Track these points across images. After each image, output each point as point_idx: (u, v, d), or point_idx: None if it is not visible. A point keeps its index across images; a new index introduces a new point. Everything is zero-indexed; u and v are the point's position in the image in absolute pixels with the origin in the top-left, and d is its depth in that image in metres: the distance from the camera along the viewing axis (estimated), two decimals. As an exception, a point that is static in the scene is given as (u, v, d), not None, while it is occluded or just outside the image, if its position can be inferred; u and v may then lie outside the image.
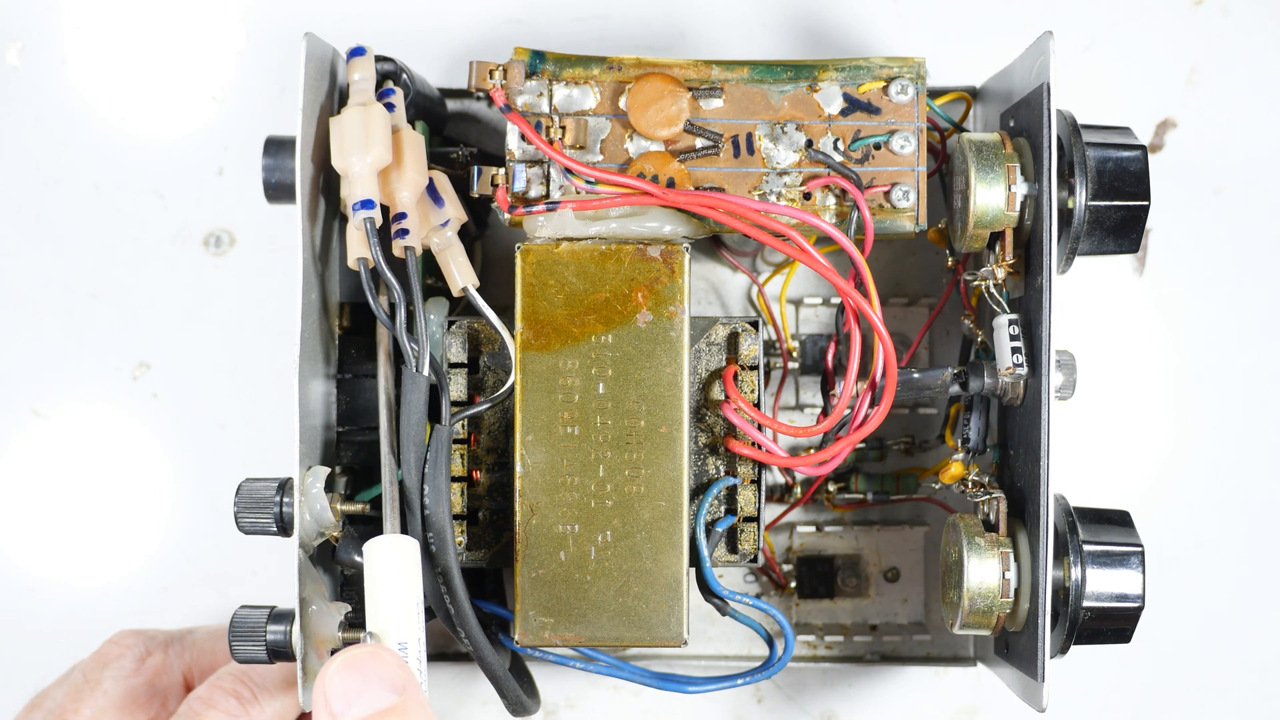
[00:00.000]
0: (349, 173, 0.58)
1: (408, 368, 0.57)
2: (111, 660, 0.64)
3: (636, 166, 0.61)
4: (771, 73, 0.62)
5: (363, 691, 0.53)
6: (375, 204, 0.57)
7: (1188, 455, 0.75)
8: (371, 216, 0.57)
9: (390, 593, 0.55)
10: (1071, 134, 0.62)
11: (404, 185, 0.59)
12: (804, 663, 0.74)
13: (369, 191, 0.57)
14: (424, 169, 0.60)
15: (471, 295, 0.60)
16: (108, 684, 0.63)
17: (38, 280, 0.75)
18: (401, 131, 0.60)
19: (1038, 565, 0.60)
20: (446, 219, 0.60)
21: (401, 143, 0.59)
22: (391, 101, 0.61)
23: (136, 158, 0.75)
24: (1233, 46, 0.75)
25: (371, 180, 0.58)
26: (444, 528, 0.57)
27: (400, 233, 0.58)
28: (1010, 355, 0.62)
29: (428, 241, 0.60)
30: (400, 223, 0.59)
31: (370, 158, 0.58)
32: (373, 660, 0.54)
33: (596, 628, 0.60)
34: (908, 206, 0.62)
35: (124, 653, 0.64)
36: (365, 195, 0.57)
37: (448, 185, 0.61)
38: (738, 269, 0.72)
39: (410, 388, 0.57)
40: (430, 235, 0.60)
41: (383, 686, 0.53)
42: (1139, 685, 0.76)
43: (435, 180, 0.61)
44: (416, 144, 0.60)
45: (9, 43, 0.75)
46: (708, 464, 0.62)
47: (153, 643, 0.65)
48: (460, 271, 0.60)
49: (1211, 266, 0.75)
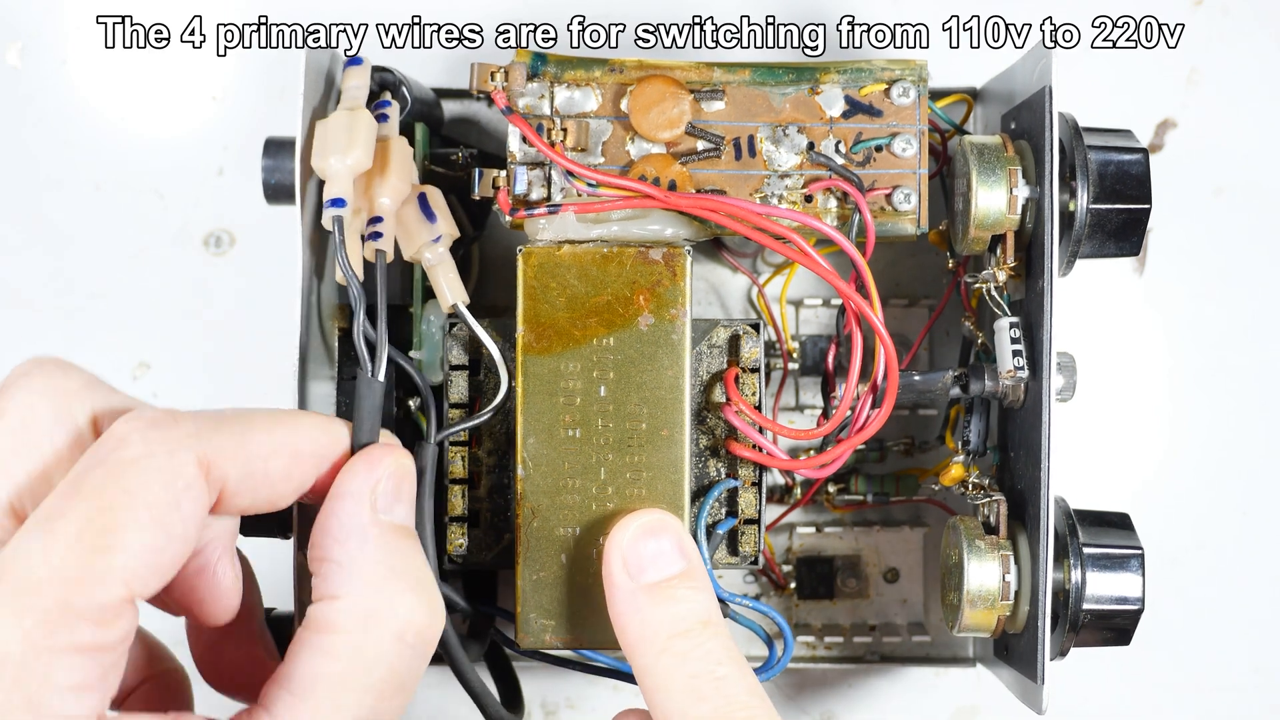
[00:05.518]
0: (326, 172, 0.57)
1: (362, 372, 0.55)
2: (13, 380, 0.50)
3: (638, 169, 0.61)
4: (773, 75, 0.62)
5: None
6: (346, 203, 0.57)
7: (1186, 456, 0.76)
8: (340, 215, 0.56)
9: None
10: (1073, 137, 0.62)
11: (386, 191, 0.59)
12: (803, 663, 0.74)
13: (343, 191, 0.57)
14: (409, 179, 0.60)
15: (461, 312, 0.60)
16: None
17: (38, 280, 0.75)
18: (390, 141, 0.59)
19: (1038, 568, 0.60)
20: (438, 234, 0.60)
21: (389, 151, 0.59)
22: (386, 113, 0.60)
23: (136, 158, 0.75)
24: (1233, 46, 0.75)
25: (347, 181, 0.57)
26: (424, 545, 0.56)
27: (374, 235, 0.58)
28: (1011, 358, 0.62)
29: (419, 257, 0.60)
30: (375, 225, 0.58)
31: (350, 160, 0.57)
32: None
33: (597, 630, 0.59)
34: (909, 209, 0.62)
35: (30, 370, 0.50)
36: (337, 194, 0.57)
37: (441, 201, 0.61)
38: (738, 270, 0.72)
39: (365, 393, 0.54)
40: (422, 250, 0.60)
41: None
42: (1138, 687, 0.76)
43: (428, 195, 0.60)
44: (404, 155, 0.60)
45: (9, 43, 0.75)
46: (709, 466, 0.62)
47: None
48: (451, 289, 0.60)
49: (1211, 267, 0.75)
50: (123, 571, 0.44)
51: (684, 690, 0.53)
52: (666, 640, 0.54)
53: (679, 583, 0.56)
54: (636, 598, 0.55)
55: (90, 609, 0.43)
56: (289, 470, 0.49)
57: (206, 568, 0.51)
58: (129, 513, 0.44)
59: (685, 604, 0.55)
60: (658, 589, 0.55)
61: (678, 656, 0.54)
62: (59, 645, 0.43)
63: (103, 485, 0.44)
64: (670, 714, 0.53)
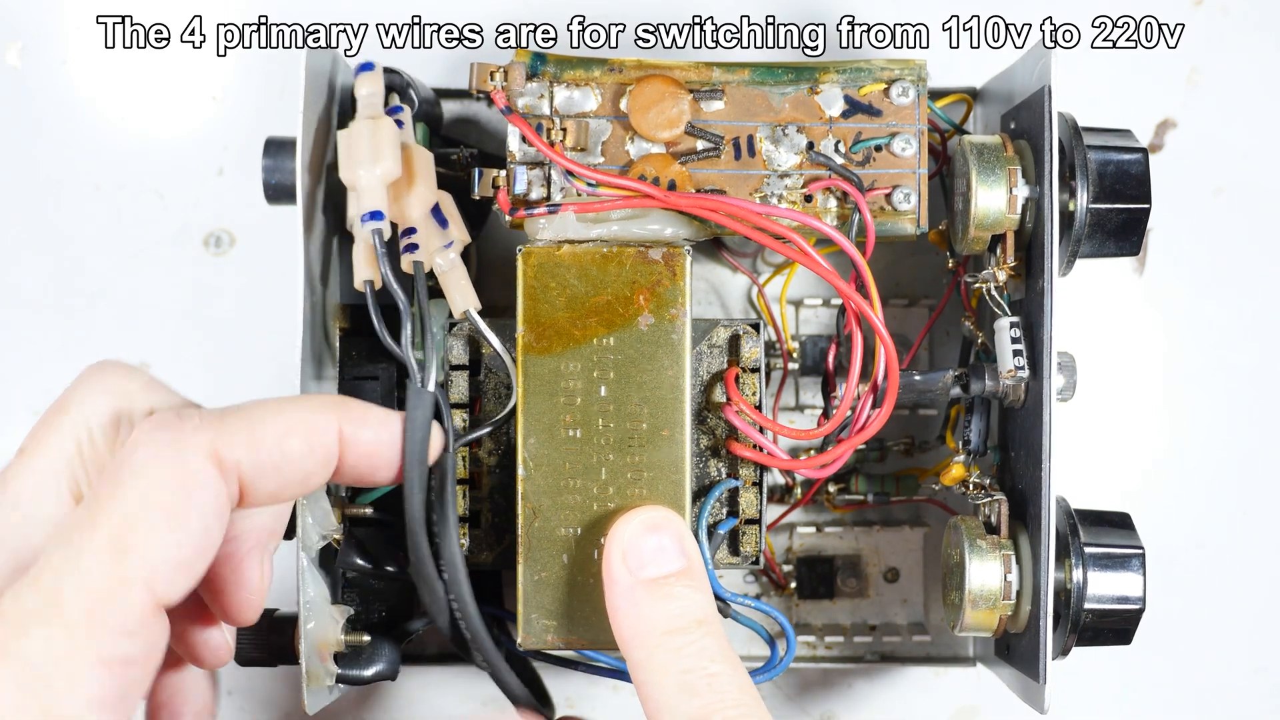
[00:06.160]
0: (357, 185, 0.57)
1: (412, 382, 0.56)
2: (80, 380, 0.52)
3: (637, 169, 0.61)
4: (772, 75, 0.62)
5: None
6: (385, 216, 0.57)
7: (1186, 456, 0.76)
8: (380, 228, 0.56)
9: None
10: (1073, 137, 0.62)
11: (414, 200, 0.58)
12: (803, 663, 0.74)
13: (378, 203, 0.57)
14: (434, 186, 0.59)
15: (473, 318, 0.59)
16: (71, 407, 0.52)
17: (38, 280, 0.75)
18: (411, 149, 0.59)
19: (1039, 567, 0.60)
20: (450, 240, 0.60)
21: (412, 159, 0.59)
22: (400, 119, 0.60)
23: (136, 158, 0.75)
24: (1233, 46, 0.75)
25: (380, 192, 0.57)
26: (455, 563, 0.56)
27: (410, 247, 0.58)
28: (1012, 358, 0.62)
29: (431, 263, 0.60)
30: (410, 237, 0.58)
31: (379, 170, 0.57)
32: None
33: (599, 630, 0.59)
34: (909, 209, 0.62)
35: (96, 371, 0.52)
36: (374, 206, 0.57)
37: (453, 207, 0.61)
38: (738, 270, 0.72)
39: (416, 403, 0.54)
40: (434, 257, 0.60)
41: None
42: (1139, 687, 0.76)
43: (440, 202, 0.60)
44: (426, 161, 0.60)
45: (9, 43, 0.75)
46: (709, 466, 0.62)
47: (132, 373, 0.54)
48: (463, 295, 0.60)
49: (1211, 266, 0.75)
50: (144, 574, 0.44)
51: (676, 686, 0.53)
52: (661, 636, 0.54)
53: (677, 580, 0.56)
54: (634, 592, 0.56)
55: (116, 617, 0.44)
56: (307, 448, 0.49)
57: (232, 560, 0.52)
58: (143, 515, 0.45)
59: (682, 601, 0.55)
60: (655, 585, 0.56)
61: (671, 652, 0.54)
62: (84, 656, 0.43)
63: (116, 492, 0.45)
64: (661, 708, 0.53)
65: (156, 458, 0.46)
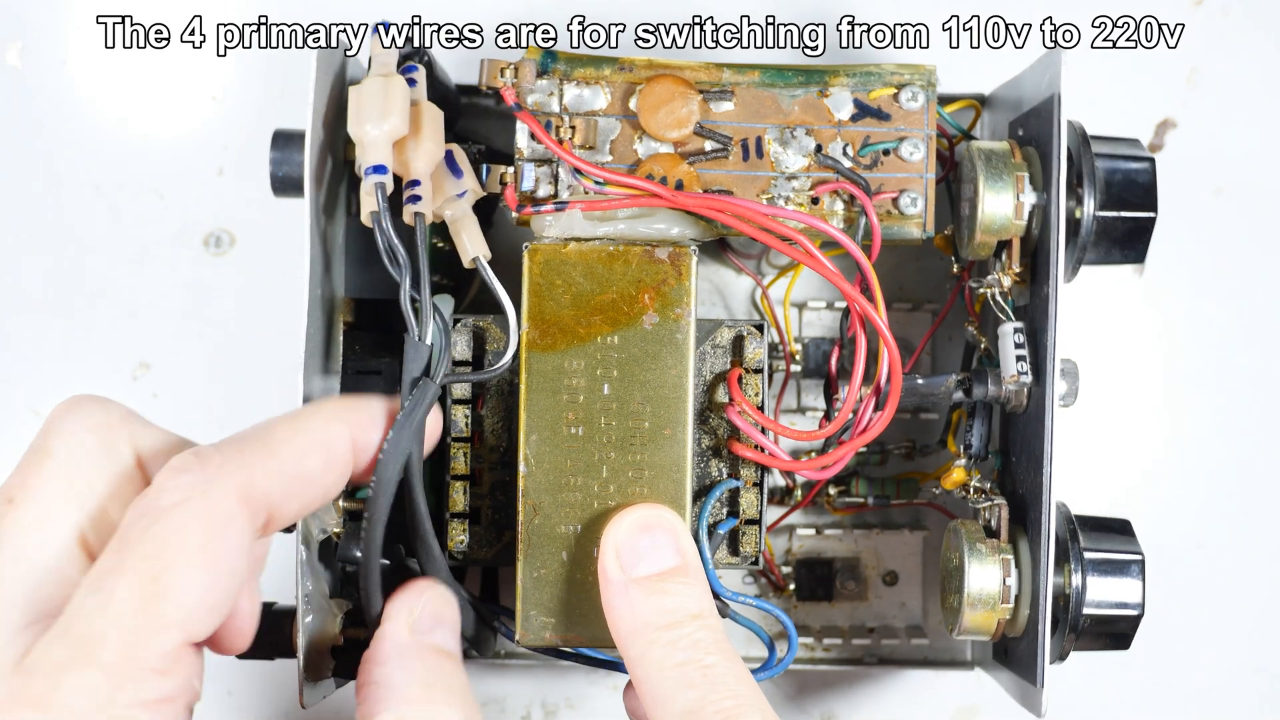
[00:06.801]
0: (364, 139, 0.57)
1: (410, 335, 0.56)
2: (57, 419, 0.51)
3: (645, 168, 0.61)
4: (783, 77, 0.62)
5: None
6: (388, 170, 0.57)
7: (1186, 459, 0.76)
8: (383, 181, 0.56)
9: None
10: (1081, 144, 0.62)
11: (420, 155, 0.58)
12: (801, 665, 0.74)
13: (382, 157, 0.57)
14: (441, 141, 0.59)
15: (482, 266, 0.59)
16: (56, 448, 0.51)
17: (38, 280, 0.75)
18: (421, 105, 0.59)
19: (1039, 572, 0.60)
20: (464, 190, 0.60)
21: (420, 115, 0.59)
22: (413, 77, 0.60)
23: (136, 158, 0.75)
24: (1233, 46, 0.75)
25: (386, 147, 0.57)
26: (414, 481, 0.56)
27: (413, 199, 0.58)
28: (1015, 363, 0.62)
29: (442, 212, 0.59)
30: (413, 189, 0.58)
31: (386, 126, 0.57)
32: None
33: (598, 628, 0.59)
34: (915, 213, 0.62)
35: (72, 408, 0.51)
36: (378, 160, 0.57)
37: (465, 159, 0.61)
38: (742, 271, 0.72)
39: (412, 355, 0.56)
40: (445, 205, 0.59)
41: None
42: (1137, 688, 0.76)
43: (454, 152, 0.60)
44: (435, 117, 0.59)
45: (9, 43, 0.75)
46: (710, 466, 0.62)
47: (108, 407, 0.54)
48: (472, 241, 0.59)
49: (1211, 267, 0.75)
50: (179, 617, 0.45)
51: (672, 678, 0.53)
52: (656, 631, 0.55)
53: (671, 577, 0.56)
54: (629, 591, 0.56)
55: (152, 660, 0.44)
56: (326, 463, 0.50)
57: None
58: (177, 558, 0.45)
59: (676, 597, 0.55)
60: (649, 583, 0.56)
61: (666, 646, 0.54)
62: (124, 700, 0.43)
63: (147, 536, 0.45)
64: (658, 700, 0.53)
65: (185, 501, 0.46)
